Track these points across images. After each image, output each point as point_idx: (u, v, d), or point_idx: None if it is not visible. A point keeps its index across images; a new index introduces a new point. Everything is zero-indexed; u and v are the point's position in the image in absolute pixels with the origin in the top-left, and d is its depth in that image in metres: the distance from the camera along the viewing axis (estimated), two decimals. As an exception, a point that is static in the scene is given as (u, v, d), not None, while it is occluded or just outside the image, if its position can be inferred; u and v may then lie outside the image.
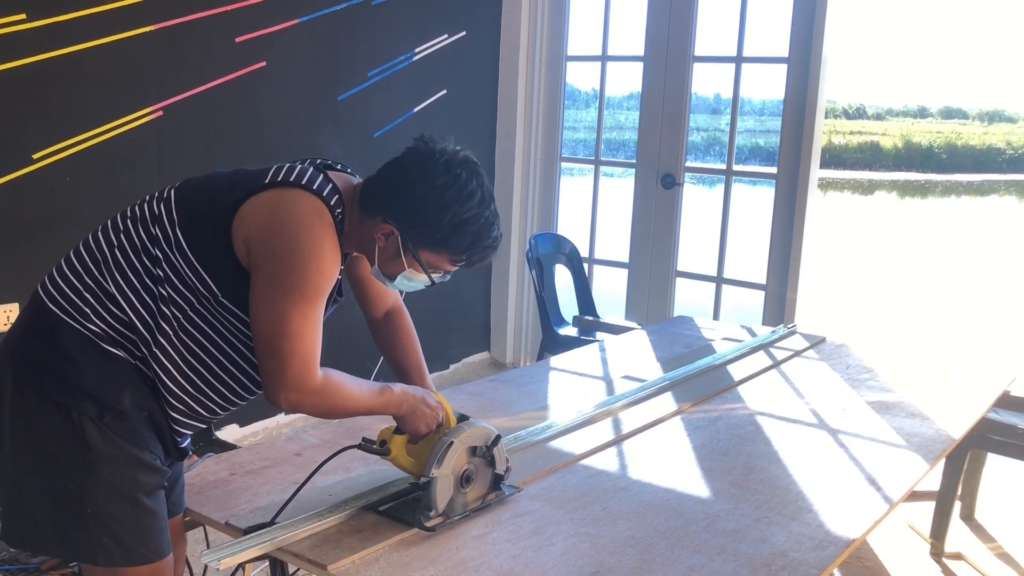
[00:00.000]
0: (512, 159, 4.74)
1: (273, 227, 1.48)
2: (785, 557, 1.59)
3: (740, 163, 4.41)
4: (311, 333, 1.48)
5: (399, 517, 1.65)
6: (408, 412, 1.66)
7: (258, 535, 1.55)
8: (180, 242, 1.52)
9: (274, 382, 1.49)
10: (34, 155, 2.95)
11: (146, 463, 1.54)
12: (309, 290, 1.47)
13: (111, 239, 1.58)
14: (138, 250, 1.54)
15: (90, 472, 1.49)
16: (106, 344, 1.51)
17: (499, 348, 4.97)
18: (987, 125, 26.85)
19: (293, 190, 1.52)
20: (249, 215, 1.49)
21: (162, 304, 1.52)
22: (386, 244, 1.58)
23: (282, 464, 1.92)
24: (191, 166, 3.40)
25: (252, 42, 3.51)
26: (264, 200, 1.50)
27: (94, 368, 1.50)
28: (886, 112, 28.39)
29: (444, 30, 4.35)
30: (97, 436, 1.48)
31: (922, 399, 2.55)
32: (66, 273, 1.57)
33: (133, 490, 1.52)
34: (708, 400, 2.48)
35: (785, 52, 4.06)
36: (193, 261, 1.51)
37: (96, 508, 1.49)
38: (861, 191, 21.16)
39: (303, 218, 1.48)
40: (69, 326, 1.52)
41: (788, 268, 4.16)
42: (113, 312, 1.52)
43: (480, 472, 1.72)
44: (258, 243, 1.48)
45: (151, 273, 1.53)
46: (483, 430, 1.72)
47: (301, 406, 1.52)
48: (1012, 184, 22.19)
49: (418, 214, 1.54)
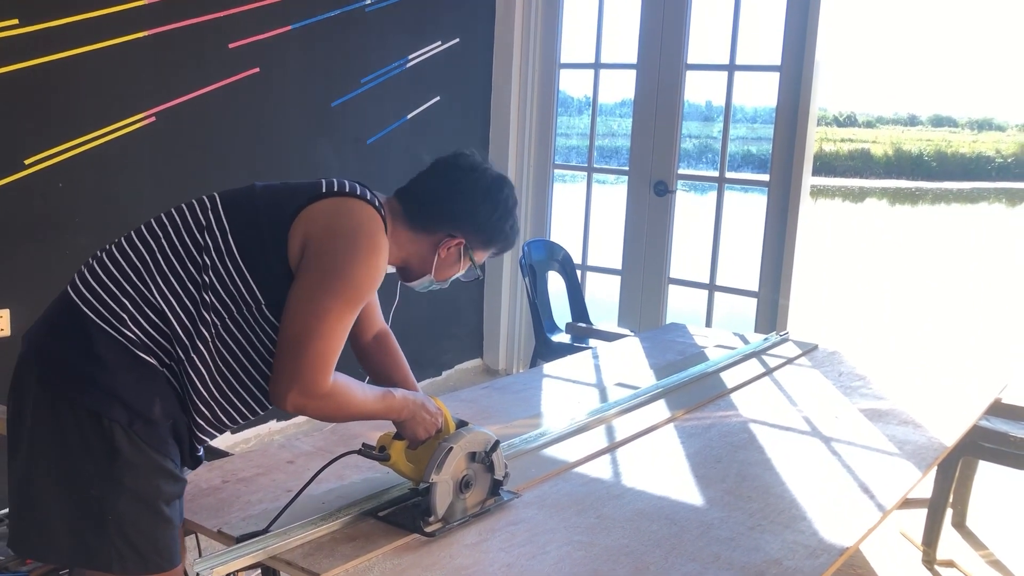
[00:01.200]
0: (505, 166, 4.74)
1: (334, 229, 1.53)
2: (779, 565, 1.59)
3: (732, 170, 4.43)
4: (338, 338, 1.52)
5: (399, 523, 1.65)
6: (408, 418, 1.68)
7: (251, 543, 1.54)
8: (232, 249, 1.53)
9: (286, 379, 1.50)
10: (26, 160, 2.94)
11: (169, 471, 1.54)
12: (354, 294, 1.52)
13: (151, 245, 1.56)
14: (182, 257, 1.54)
15: (115, 479, 1.48)
16: (139, 351, 1.51)
17: (492, 355, 4.96)
18: (976, 133, 27.02)
19: (353, 199, 1.58)
20: (309, 219, 1.54)
21: (204, 310, 1.53)
22: (447, 254, 1.70)
23: (275, 472, 1.91)
24: (184, 172, 3.39)
25: (245, 48, 3.51)
26: (325, 206, 1.56)
27: (127, 374, 1.49)
28: (876, 120, 28.56)
29: (438, 37, 4.35)
30: (126, 443, 1.48)
31: (914, 407, 2.56)
32: (102, 277, 1.54)
33: (155, 498, 1.51)
34: (701, 407, 2.48)
35: (777, 60, 4.08)
36: (243, 267, 1.53)
37: (117, 515, 1.48)
38: (852, 198, 21.25)
39: (364, 224, 1.55)
40: (103, 331, 1.50)
41: (780, 275, 4.17)
42: (152, 320, 1.52)
43: (479, 478, 1.73)
44: (316, 243, 1.52)
45: (195, 280, 1.53)
46: (482, 436, 1.72)
47: (306, 409, 1.53)
48: (1001, 192, 22.32)
49: (481, 222, 1.69)
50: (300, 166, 3.80)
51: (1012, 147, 25.19)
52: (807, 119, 4.03)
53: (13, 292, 2.96)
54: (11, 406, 1.56)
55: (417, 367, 1.92)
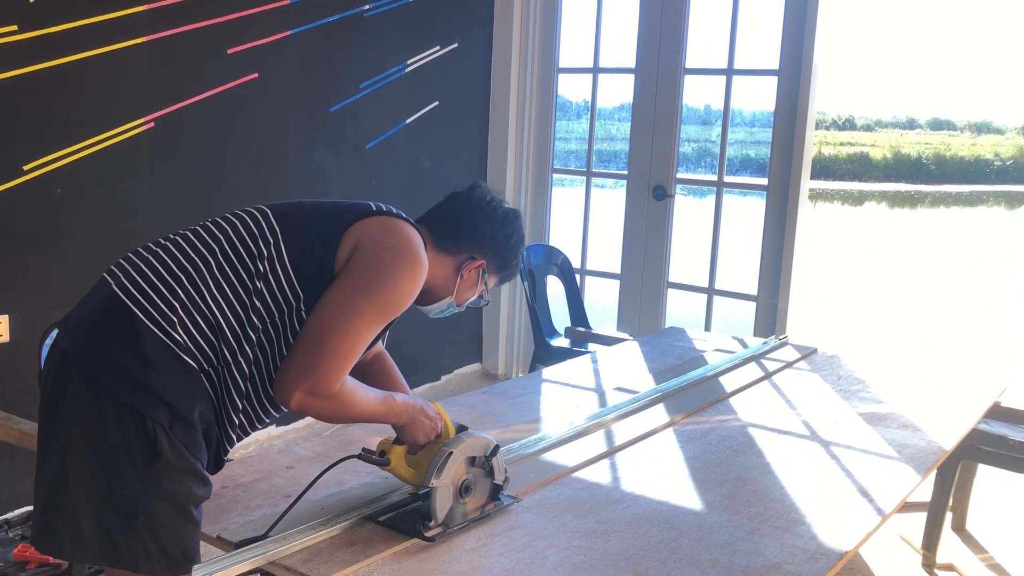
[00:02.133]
0: (504, 170, 4.74)
1: (386, 241, 1.61)
2: (779, 570, 1.59)
3: (731, 174, 4.43)
4: (362, 342, 1.56)
5: (399, 527, 1.66)
6: (408, 422, 1.70)
7: (250, 549, 1.54)
8: (283, 256, 1.58)
9: (298, 374, 1.52)
10: (25, 166, 2.94)
11: (201, 474, 1.55)
12: (387, 304, 1.58)
13: (202, 252, 1.58)
14: (236, 266, 1.57)
15: (153, 481, 1.48)
16: (184, 354, 1.52)
17: (491, 359, 4.96)
18: (975, 136, 27.05)
19: (401, 221, 1.68)
20: (363, 229, 1.62)
21: (253, 315, 1.56)
22: (467, 276, 1.79)
23: (274, 477, 1.91)
24: (183, 177, 3.40)
25: (244, 54, 3.52)
26: (377, 221, 1.65)
27: (173, 377, 1.51)
28: (875, 123, 28.58)
29: (436, 42, 4.36)
30: (167, 446, 1.49)
31: (913, 410, 2.56)
32: (152, 279, 1.55)
33: (187, 501, 1.52)
34: (700, 412, 2.48)
35: (776, 64, 4.09)
36: (291, 274, 1.58)
37: (149, 516, 1.49)
38: (851, 202, 21.27)
39: (412, 242, 1.64)
40: (153, 332, 1.51)
41: (779, 279, 4.17)
42: (200, 326, 1.53)
43: (479, 482, 1.73)
44: (364, 250, 1.59)
45: (247, 287, 1.56)
46: (482, 440, 1.73)
47: (310, 407, 1.55)
48: (1000, 195, 22.34)
49: (494, 245, 1.79)
50: (299, 171, 3.80)
51: (1011, 150, 25.22)
52: (805, 123, 4.03)
53: (12, 298, 2.96)
54: (47, 402, 1.54)
55: (416, 372, 1.93)
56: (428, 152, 4.37)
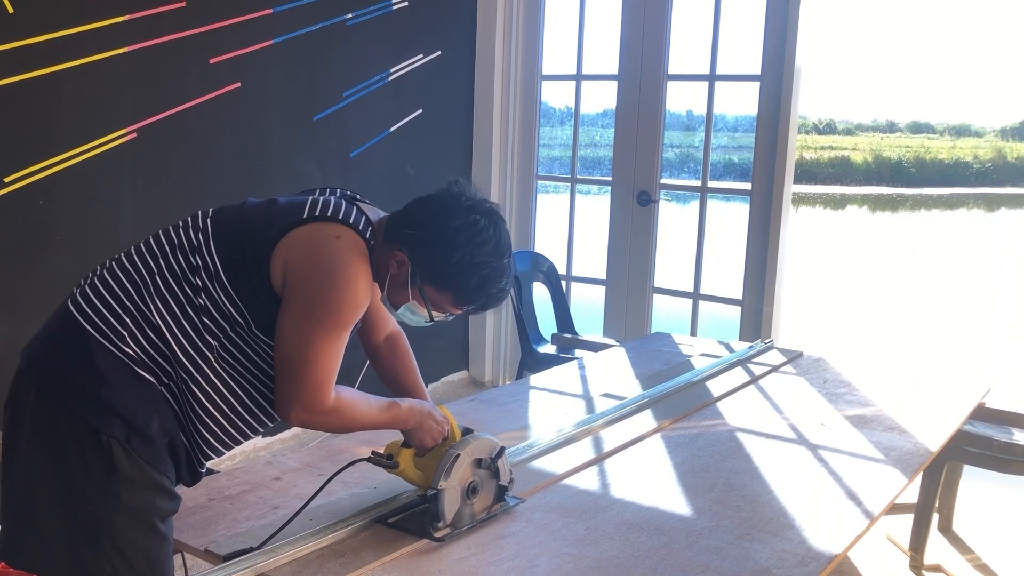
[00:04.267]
0: (489, 177, 4.74)
1: (312, 259, 1.54)
2: (768, 574, 1.59)
3: (715, 179, 4.45)
4: (332, 360, 1.55)
5: (408, 529, 1.69)
6: (415, 426, 1.72)
7: (238, 561, 1.53)
8: (219, 272, 1.56)
9: (288, 400, 1.55)
10: (6, 178, 2.91)
11: (165, 488, 1.55)
12: (339, 321, 1.54)
13: (149, 265, 1.58)
14: (179, 278, 1.56)
15: (112, 495, 1.49)
16: (138, 368, 1.52)
17: (478, 367, 4.96)
18: (955, 139, 27.25)
19: (332, 224, 1.57)
20: (289, 246, 1.55)
21: (205, 333, 1.55)
22: (397, 272, 1.63)
23: (261, 489, 1.90)
24: (166, 188, 3.38)
25: (227, 63, 3.50)
26: (304, 233, 1.56)
27: (127, 391, 1.51)
28: (856, 127, 28.74)
29: (419, 50, 4.36)
30: (124, 460, 1.49)
31: (899, 412, 2.57)
32: (103, 293, 1.56)
33: (151, 515, 1.52)
34: (688, 417, 2.49)
35: (757, 69, 4.11)
36: (230, 291, 1.55)
37: (112, 531, 1.49)
38: (833, 205, 21.38)
39: (341, 253, 1.54)
40: (104, 347, 1.51)
41: (764, 283, 4.19)
42: (151, 339, 1.53)
43: (485, 484, 1.77)
44: (296, 273, 1.54)
45: (192, 303, 1.55)
46: (488, 442, 1.76)
47: (311, 424, 1.57)
48: (980, 197, 22.51)
49: (429, 249, 1.60)
50: (283, 180, 3.79)
51: (990, 152, 25.43)
52: (788, 127, 4.06)
53: (-6, 311, 2.94)
54: (7, 419, 1.56)
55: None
56: (412, 160, 4.36)
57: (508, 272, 1.65)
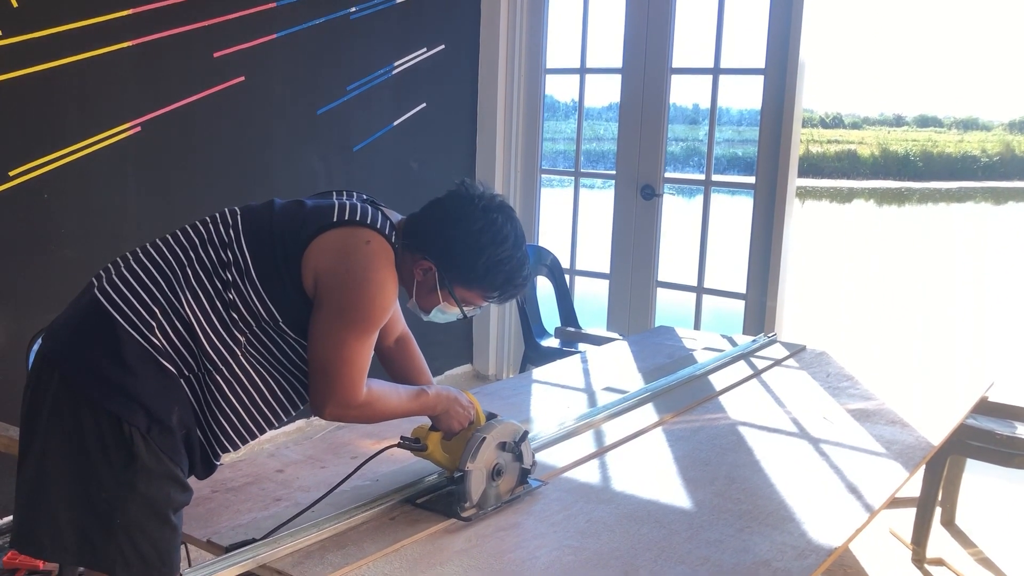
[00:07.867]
0: (492, 171, 4.74)
1: (343, 264, 1.60)
2: (768, 567, 1.60)
3: (719, 173, 4.44)
4: (364, 358, 1.62)
5: (436, 509, 1.76)
6: (443, 412, 1.80)
7: (240, 552, 1.54)
8: (250, 268, 1.60)
9: (322, 398, 1.62)
10: (11, 172, 2.92)
11: (179, 480, 1.57)
12: (369, 323, 1.61)
13: (180, 257, 1.61)
14: (210, 272, 1.60)
15: (129, 484, 1.50)
16: (163, 359, 1.54)
17: (481, 360, 4.96)
18: (962, 133, 27.15)
19: (361, 229, 1.63)
20: (320, 251, 1.61)
21: (232, 328, 1.59)
22: (424, 279, 1.71)
23: (264, 481, 1.91)
24: (170, 182, 3.39)
25: (231, 57, 3.51)
26: (334, 237, 1.62)
27: (150, 381, 1.53)
28: (863, 121, 28.65)
29: (423, 44, 4.36)
30: (143, 449, 1.51)
31: (902, 406, 2.57)
32: (132, 284, 1.58)
33: (165, 506, 1.54)
34: (690, 410, 2.49)
35: (762, 63, 4.10)
36: (260, 288, 1.60)
37: (127, 520, 1.50)
38: (839, 199, 21.33)
39: (371, 258, 1.61)
40: (132, 337, 1.53)
41: (768, 277, 4.18)
42: (179, 331, 1.56)
43: (509, 466, 1.83)
44: (327, 277, 1.59)
45: (222, 297, 1.59)
46: (511, 426, 1.83)
47: (345, 418, 1.66)
48: (988, 191, 22.44)
49: (456, 255, 1.68)
50: (287, 174, 3.79)
51: (997, 146, 25.33)
52: (792, 121, 4.05)
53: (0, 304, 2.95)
54: (28, 403, 1.57)
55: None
56: (416, 154, 4.37)
57: (527, 259, 1.75)
